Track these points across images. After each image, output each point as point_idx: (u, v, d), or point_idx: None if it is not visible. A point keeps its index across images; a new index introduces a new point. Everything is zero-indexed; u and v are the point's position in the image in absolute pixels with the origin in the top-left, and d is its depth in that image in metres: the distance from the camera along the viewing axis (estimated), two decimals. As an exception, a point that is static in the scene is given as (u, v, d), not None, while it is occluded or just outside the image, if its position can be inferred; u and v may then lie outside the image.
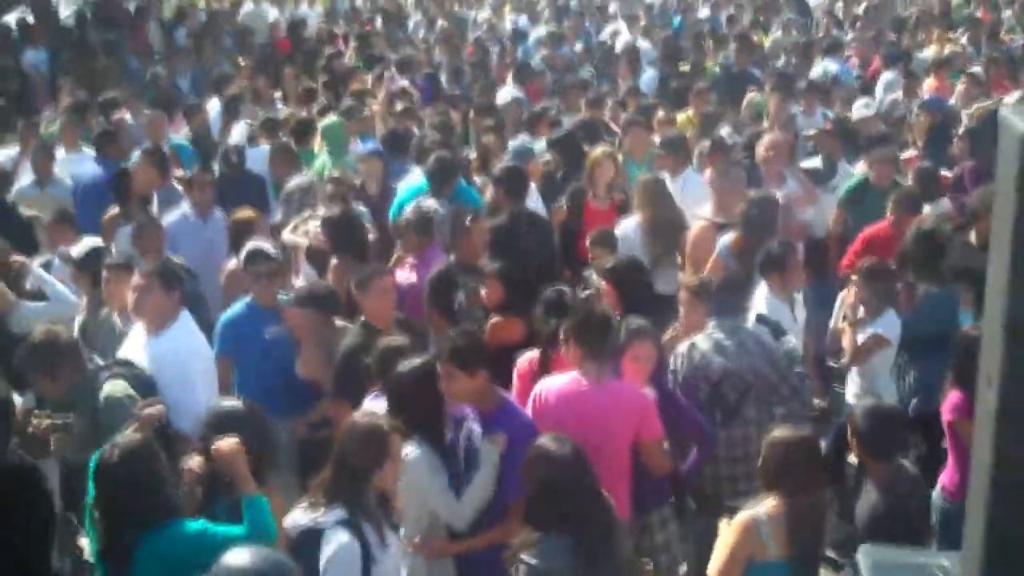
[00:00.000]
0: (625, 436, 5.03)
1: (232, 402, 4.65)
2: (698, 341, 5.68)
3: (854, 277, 6.69)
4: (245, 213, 7.65)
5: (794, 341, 6.07)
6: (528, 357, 5.75)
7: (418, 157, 9.00)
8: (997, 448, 1.99)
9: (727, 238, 7.13)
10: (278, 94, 13.63)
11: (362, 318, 6.13)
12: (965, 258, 6.77)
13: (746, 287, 6.17)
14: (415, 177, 8.70)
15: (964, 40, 15.48)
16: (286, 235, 7.93)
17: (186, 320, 5.94)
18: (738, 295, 5.95)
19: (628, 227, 7.68)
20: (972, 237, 7.15)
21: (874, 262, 6.64)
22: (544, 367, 5.54)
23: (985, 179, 8.22)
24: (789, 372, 5.70)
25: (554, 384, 5.14)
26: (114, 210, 8.34)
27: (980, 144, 9.19)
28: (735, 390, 5.57)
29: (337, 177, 8.61)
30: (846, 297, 6.89)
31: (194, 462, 4.40)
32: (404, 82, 12.83)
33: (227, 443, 4.15)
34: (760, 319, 6.07)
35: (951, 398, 5.47)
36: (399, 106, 11.19)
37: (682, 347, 5.73)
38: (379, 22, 19.57)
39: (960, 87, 11.69)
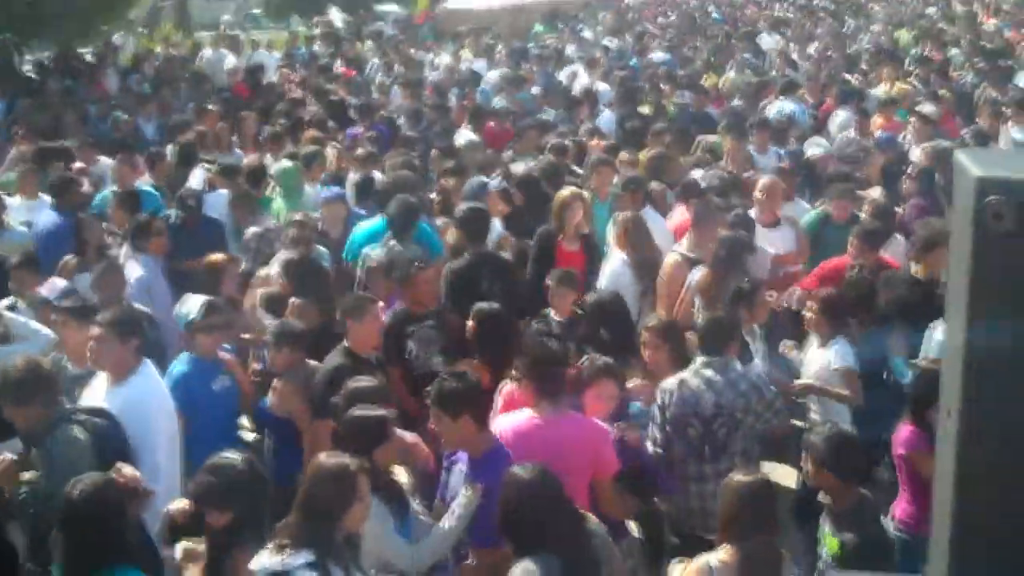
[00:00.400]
0: (582, 471, 5.10)
1: (234, 458, 4.51)
2: (688, 378, 5.78)
3: (808, 306, 6.78)
4: (216, 257, 7.67)
5: (760, 366, 6.35)
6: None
7: (380, 200, 9.04)
8: (958, 480, 2.03)
9: (697, 274, 7.29)
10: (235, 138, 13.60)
11: (345, 343, 6.13)
12: (907, 293, 6.94)
13: (734, 324, 6.26)
14: (371, 220, 8.83)
15: (914, 79, 15.78)
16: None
17: (147, 370, 5.88)
18: (726, 332, 6.05)
19: (616, 264, 7.82)
20: (919, 271, 7.32)
21: (829, 293, 6.77)
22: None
23: (929, 216, 8.43)
24: (775, 398, 5.88)
25: (510, 421, 5.24)
26: (72, 258, 8.28)
27: (928, 182, 9.40)
28: (726, 427, 5.65)
29: (301, 220, 8.60)
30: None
31: (176, 506, 4.41)
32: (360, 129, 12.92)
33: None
34: None
35: (903, 432, 5.56)
36: (361, 151, 11.19)
37: (670, 383, 5.81)
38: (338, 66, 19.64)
39: (911, 125, 11.91)
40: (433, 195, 9.96)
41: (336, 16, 29.22)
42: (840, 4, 34.23)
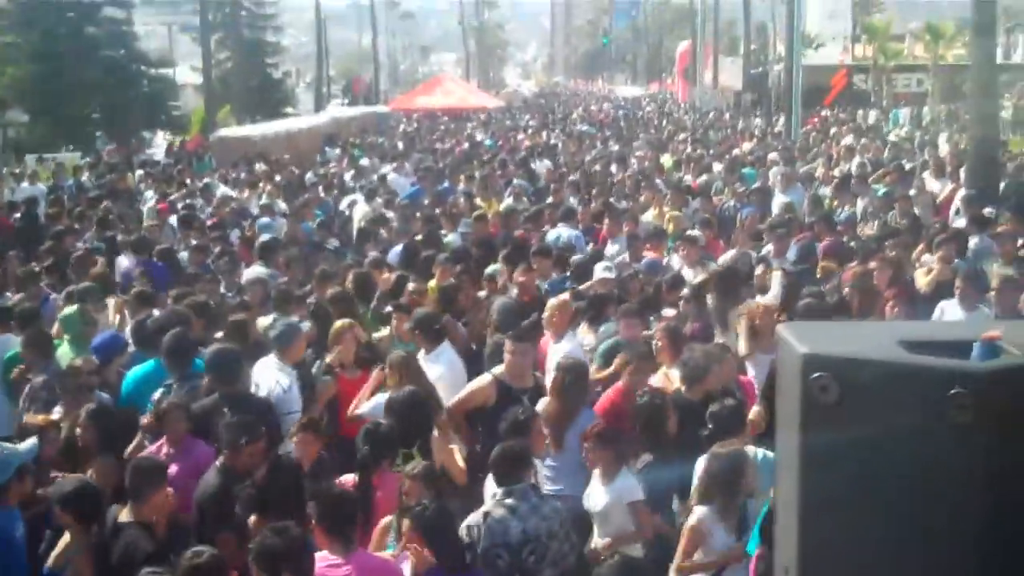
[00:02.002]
0: None
1: None
2: (492, 509, 5.81)
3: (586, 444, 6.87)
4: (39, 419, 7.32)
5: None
6: None
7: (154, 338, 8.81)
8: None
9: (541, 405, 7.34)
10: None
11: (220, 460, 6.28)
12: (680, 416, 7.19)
13: (526, 451, 6.29)
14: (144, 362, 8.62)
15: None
16: None
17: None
18: (521, 459, 6.10)
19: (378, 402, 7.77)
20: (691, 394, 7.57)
21: (602, 429, 6.77)
22: None
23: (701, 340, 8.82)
24: (571, 531, 5.98)
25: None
26: None
27: (702, 305, 9.88)
28: (534, 554, 5.70)
29: (78, 367, 8.23)
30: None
31: None
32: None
33: None
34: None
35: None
36: (134, 290, 10.80)
37: (474, 519, 5.82)
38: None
39: (681, 251, 12.47)
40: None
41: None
42: (607, 129, 36.09)
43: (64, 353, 9.22)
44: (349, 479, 6.56)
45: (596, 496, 6.59)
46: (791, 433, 2.06)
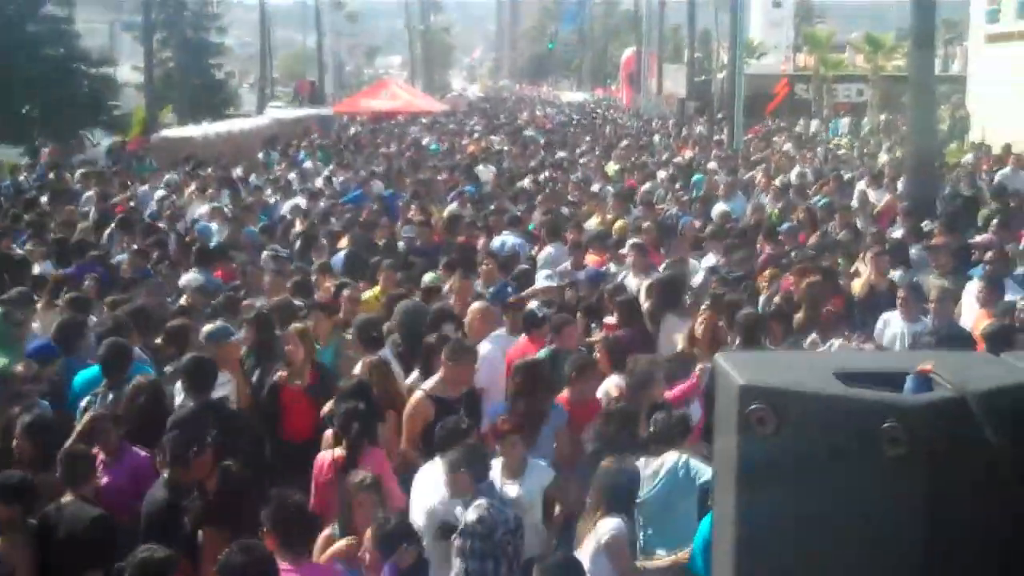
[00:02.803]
0: None
1: None
2: (484, 504, 6.01)
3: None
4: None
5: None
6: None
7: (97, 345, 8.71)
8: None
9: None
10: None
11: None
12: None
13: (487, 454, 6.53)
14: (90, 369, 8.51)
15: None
16: None
17: None
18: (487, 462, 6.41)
19: None
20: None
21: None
22: None
23: (639, 349, 8.88)
24: None
25: None
26: None
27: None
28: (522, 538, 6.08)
29: (17, 373, 8.08)
30: None
31: None
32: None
33: None
34: None
35: None
36: (67, 296, 10.61)
37: (474, 514, 5.97)
38: (44, 200, 18.67)
39: (629, 257, 12.48)
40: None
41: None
42: (552, 135, 36.19)
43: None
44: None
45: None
46: (728, 462, 2.07)
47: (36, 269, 12.41)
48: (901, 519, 1.98)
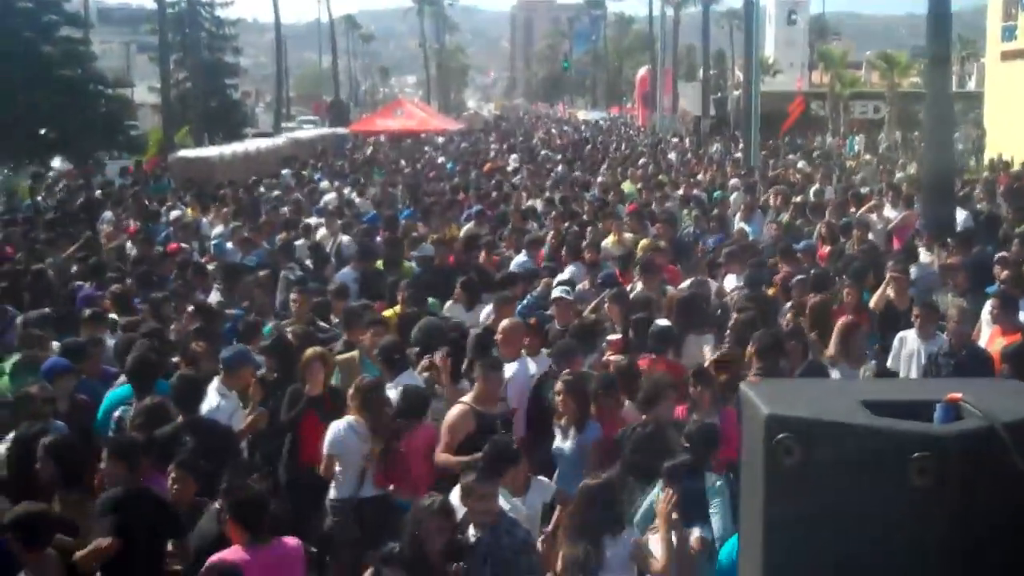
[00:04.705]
0: None
1: None
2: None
3: None
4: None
5: None
6: None
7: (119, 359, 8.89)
8: None
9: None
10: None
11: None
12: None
13: None
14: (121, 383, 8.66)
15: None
16: None
17: None
18: None
19: (342, 425, 7.88)
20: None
21: None
22: None
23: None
24: None
25: (226, 556, 5.78)
26: None
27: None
28: None
29: (32, 394, 8.10)
30: None
31: None
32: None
33: None
34: None
35: None
36: (88, 311, 10.70)
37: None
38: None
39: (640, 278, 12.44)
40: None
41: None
42: (565, 154, 36.24)
43: (4, 385, 9.03)
44: None
45: None
46: (755, 493, 2.05)
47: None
48: (930, 549, 1.95)
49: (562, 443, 7.79)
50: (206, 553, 5.95)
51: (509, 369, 8.75)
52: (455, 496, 6.37)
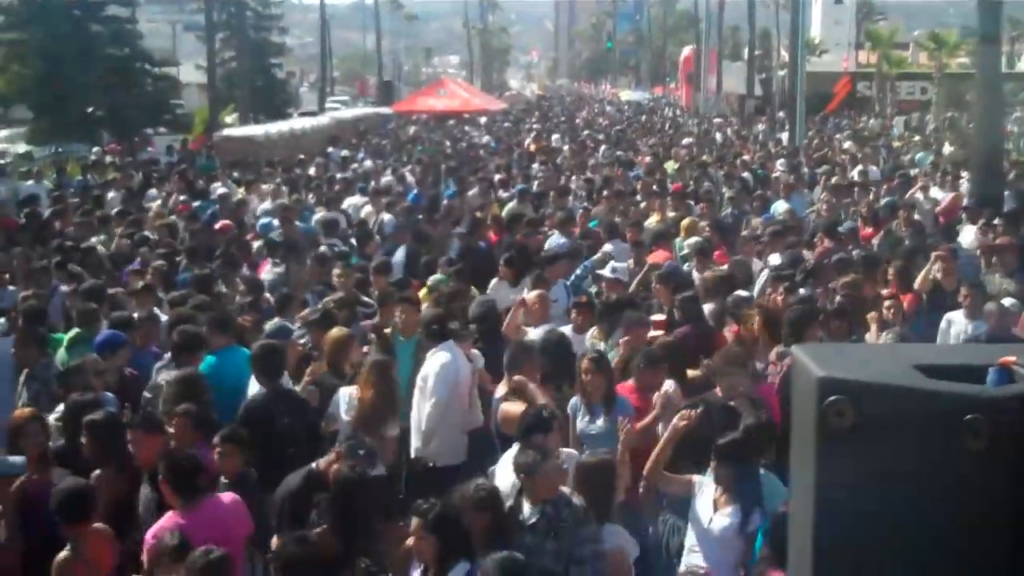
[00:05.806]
0: (238, 539, 6.14)
1: None
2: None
3: None
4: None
5: None
6: None
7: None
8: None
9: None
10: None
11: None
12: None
13: None
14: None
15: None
16: None
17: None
18: None
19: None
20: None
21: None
22: None
23: (702, 341, 8.86)
24: None
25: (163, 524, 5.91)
26: None
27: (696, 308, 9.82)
28: None
29: (84, 366, 8.22)
30: None
31: None
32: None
33: None
34: None
35: None
36: (139, 285, 10.88)
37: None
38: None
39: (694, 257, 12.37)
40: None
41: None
42: (608, 134, 36.13)
43: (62, 357, 9.17)
44: None
45: None
46: (805, 456, 2.05)
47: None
48: (985, 512, 1.94)
49: (589, 423, 7.54)
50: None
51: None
52: (506, 469, 6.39)
